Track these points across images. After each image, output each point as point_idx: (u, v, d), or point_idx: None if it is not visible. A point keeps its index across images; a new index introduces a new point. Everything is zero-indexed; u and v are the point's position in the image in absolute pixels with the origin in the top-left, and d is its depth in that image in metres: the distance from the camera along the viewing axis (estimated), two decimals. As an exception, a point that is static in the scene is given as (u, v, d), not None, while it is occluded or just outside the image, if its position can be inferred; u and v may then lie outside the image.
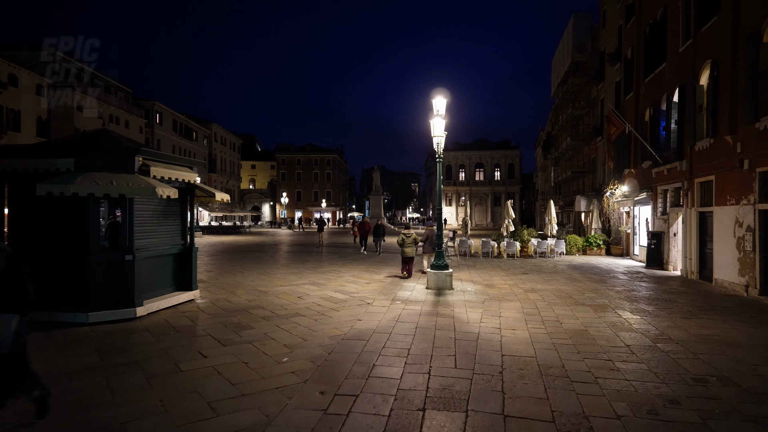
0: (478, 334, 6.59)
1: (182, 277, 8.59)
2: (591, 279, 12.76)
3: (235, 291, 9.98)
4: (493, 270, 14.78)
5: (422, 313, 8.01)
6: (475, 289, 10.82)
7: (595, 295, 10.15)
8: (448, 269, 10.65)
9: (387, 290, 10.40)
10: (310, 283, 11.38)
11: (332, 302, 8.89)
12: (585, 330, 6.94)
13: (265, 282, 11.36)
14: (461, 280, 12.17)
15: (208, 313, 7.71)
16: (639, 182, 17.75)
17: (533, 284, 11.68)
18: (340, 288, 10.66)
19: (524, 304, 9.03)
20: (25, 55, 32.82)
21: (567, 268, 15.36)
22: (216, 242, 27.64)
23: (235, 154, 75.28)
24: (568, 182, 31.47)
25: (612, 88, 22.17)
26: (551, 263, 17.07)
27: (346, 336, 6.44)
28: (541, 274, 13.74)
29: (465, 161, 72.72)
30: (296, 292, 9.93)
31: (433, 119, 10.29)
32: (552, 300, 9.46)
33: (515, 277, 12.98)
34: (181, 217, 8.66)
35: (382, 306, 8.58)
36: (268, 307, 8.35)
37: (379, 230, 20.16)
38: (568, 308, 8.61)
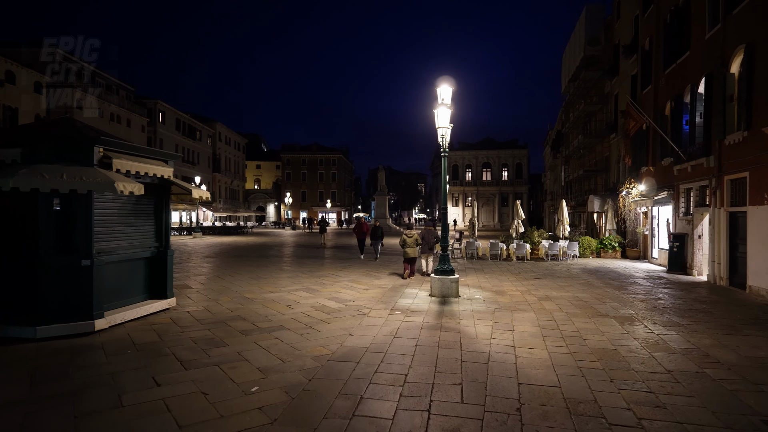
0: (488, 355, 5.61)
1: (156, 283, 7.68)
2: (610, 285, 11.71)
3: (218, 298, 9.06)
4: (503, 274, 13.76)
5: (424, 326, 7.04)
6: (483, 296, 9.83)
7: (617, 304, 9.11)
8: (453, 275, 9.66)
9: (386, 298, 9.43)
10: (303, 289, 10.44)
11: (324, 312, 7.94)
12: (614, 349, 5.93)
13: (255, 288, 10.43)
14: (468, 286, 11.17)
15: (180, 326, 6.79)
16: (658, 181, 16.64)
17: (547, 291, 10.66)
18: (335, 295, 9.70)
19: (539, 314, 8.02)
20: (24, 53, 32.25)
21: (582, 273, 14.30)
22: (215, 243, 26.83)
23: (239, 154, 74.68)
24: (580, 181, 30.33)
25: (627, 82, 21.05)
26: (564, 267, 16.01)
27: (333, 356, 5.48)
28: (555, 279, 12.70)
29: (472, 161, 71.55)
30: (286, 300, 8.99)
31: (438, 108, 9.31)
32: (570, 310, 8.45)
33: (527, 283, 11.97)
34: (155, 217, 7.74)
35: (379, 317, 7.61)
36: (251, 318, 7.41)
37: (377, 232, 17.83)
38: (589, 320, 7.59)
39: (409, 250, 12.44)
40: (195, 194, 7.52)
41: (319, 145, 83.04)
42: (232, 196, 71.27)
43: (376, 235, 17.84)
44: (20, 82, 31.04)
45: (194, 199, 7.62)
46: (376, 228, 17.99)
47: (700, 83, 13.29)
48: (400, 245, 12.69)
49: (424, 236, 12.87)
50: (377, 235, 17.85)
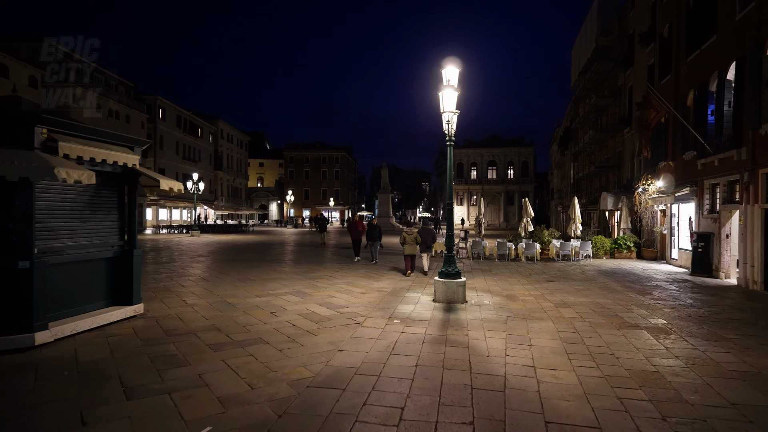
0: (504, 379, 4.60)
1: (120, 288, 6.71)
2: (631, 289, 10.65)
3: (197, 303, 8.08)
4: (513, 276, 12.72)
5: (426, 339, 6.03)
6: (493, 302, 8.81)
7: (645, 311, 8.07)
8: (460, 278, 8.65)
9: (385, 303, 8.43)
10: (293, 292, 9.45)
11: (312, 321, 6.94)
12: (655, 372, 4.90)
13: (240, 291, 9.46)
14: (476, 290, 10.15)
15: (141, 338, 5.81)
16: (678, 176, 15.55)
17: (563, 296, 9.62)
18: (327, 300, 8.71)
19: (559, 324, 7.00)
20: (24, 48, 31.49)
21: (598, 275, 13.25)
22: (211, 242, 25.92)
23: (242, 152, 73.87)
24: (590, 179, 29.18)
25: (643, 72, 19.92)
26: (578, 268, 14.95)
27: (314, 380, 4.49)
28: (570, 282, 11.66)
29: (477, 159, 70.40)
30: (272, 306, 8.00)
31: (443, 90, 8.28)
32: (593, 319, 7.42)
33: (540, 286, 10.93)
34: (119, 211, 6.77)
35: (374, 327, 6.61)
36: (227, 328, 6.43)
37: (375, 232, 15.38)
38: (618, 332, 6.56)
39: (408, 247, 12.49)
40: (164, 185, 6.54)
41: (322, 143, 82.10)
42: (234, 194, 70.50)
43: (373, 235, 15.33)
44: (13, 76, 30.23)
45: (164, 191, 6.64)
46: (373, 227, 15.45)
47: (729, 69, 12.19)
48: (401, 243, 12.70)
49: (422, 235, 12.81)
50: (375, 235, 15.36)
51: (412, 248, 12.51)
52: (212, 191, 62.35)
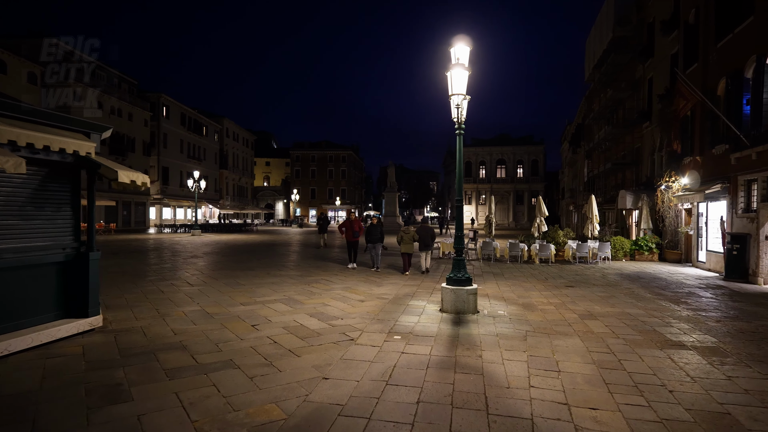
0: (531, 424, 3.55)
1: (73, 297, 5.75)
2: (662, 296, 9.52)
3: (169, 314, 7.10)
4: (527, 280, 11.64)
5: (432, 362, 4.99)
6: (509, 312, 7.74)
7: (686, 325, 6.96)
8: (470, 284, 7.59)
9: (385, 314, 7.40)
10: (284, 299, 8.45)
11: (298, 337, 5.93)
12: (726, 414, 3.81)
13: (224, 298, 8.48)
14: (488, 297, 9.09)
15: (87, 361, 4.84)
16: (707, 172, 14.35)
17: (587, 304, 8.53)
18: (320, 309, 7.70)
19: (588, 342, 5.92)
20: (22, 45, 30.87)
21: (621, 279, 12.11)
22: (211, 242, 25.04)
23: (248, 151, 73.22)
24: (605, 176, 27.90)
25: (665, 62, 18.69)
26: (597, 272, 13.81)
27: (285, 425, 3.47)
28: (591, 288, 10.55)
29: (486, 157, 69.11)
30: (255, 317, 7.00)
31: (452, 70, 7.21)
32: (627, 334, 6.33)
33: (558, 293, 9.83)
34: (72, 208, 5.81)
35: (371, 345, 5.59)
36: (196, 346, 5.44)
37: (375, 233, 12.86)
38: (662, 353, 5.47)
39: (405, 245, 12.45)
40: (123, 177, 5.56)
41: (329, 142, 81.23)
42: (240, 193, 69.87)
43: (373, 237, 12.89)
44: (12, 72, 29.60)
45: (124, 185, 5.65)
46: (374, 227, 12.94)
47: (769, 52, 11.02)
48: (397, 242, 12.62)
49: (421, 234, 12.72)
50: (375, 237, 12.89)
51: (408, 246, 12.51)
52: (217, 190, 61.74)
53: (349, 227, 13.89)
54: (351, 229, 13.84)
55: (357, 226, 13.89)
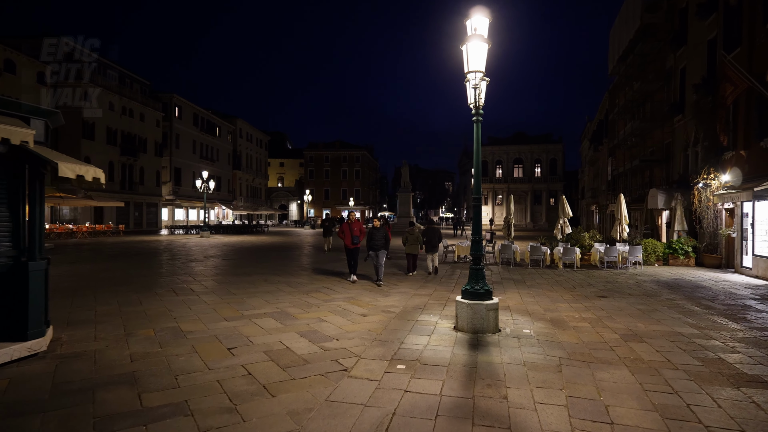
0: None
1: (9, 315, 4.77)
2: (713, 310, 8.20)
3: (135, 332, 6.09)
4: (553, 289, 10.39)
5: (443, 406, 3.86)
6: (535, 330, 6.55)
7: (759, 351, 5.67)
8: (490, 298, 6.42)
9: (389, 332, 6.28)
10: (275, 313, 7.40)
11: (279, 366, 4.85)
12: None
13: (208, 311, 7.45)
14: (510, 310, 7.91)
15: (4, 402, 3.83)
16: (753, 168, 12.91)
17: (627, 320, 7.29)
18: (315, 326, 6.62)
19: (641, 375, 4.72)
20: (23, 45, 30.52)
21: (659, 288, 10.78)
22: (218, 244, 24.24)
23: (262, 151, 72.81)
24: (632, 174, 26.29)
25: (700, 49, 17.18)
26: (629, 278, 12.48)
27: None
28: (627, 299, 9.27)
29: (502, 156, 67.45)
30: (236, 337, 5.95)
31: (468, 42, 6.04)
32: (687, 364, 5.10)
33: (590, 305, 8.59)
34: (10, 209, 4.83)
35: (367, 379, 4.49)
36: (150, 378, 4.41)
37: (378, 238, 10.61)
38: (742, 395, 4.24)
39: (409, 246, 12.39)
40: (65, 171, 4.55)
41: (343, 142, 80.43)
42: (253, 194, 69.50)
43: (375, 243, 10.59)
44: (21, 72, 29.30)
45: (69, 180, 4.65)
46: (376, 231, 10.63)
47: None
48: (403, 242, 12.57)
49: (427, 235, 12.56)
50: (377, 243, 10.58)
51: (413, 248, 12.41)
52: (230, 191, 61.36)
53: (347, 231, 10.87)
54: (350, 232, 10.87)
55: (357, 229, 10.97)
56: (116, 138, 38.46)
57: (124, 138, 39.43)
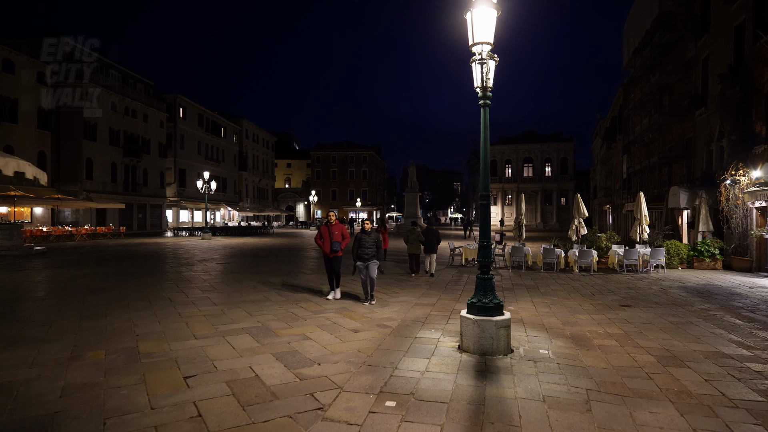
0: None
1: None
2: (759, 324, 7.15)
3: (83, 354, 5.19)
4: (570, 297, 9.38)
5: (439, 470, 2.92)
6: (555, 350, 5.57)
7: (829, 380, 4.65)
8: (501, 313, 5.45)
9: (382, 353, 5.35)
10: (254, 328, 6.49)
11: (239, 403, 3.93)
12: None
13: (178, 326, 6.56)
14: (523, 323, 6.93)
15: None
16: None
17: (660, 336, 6.27)
18: (296, 345, 5.70)
19: (692, 416, 3.74)
20: (22, 45, 30.04)
21: (688, 295, 9.72)
22: (218, 246, 23.46)
23: (268, 152, 72.26)
24: (649, 172, 25.04)
25: (726, 36, 16.01)
26: (653, 283, 11.42)
27: None
28: (655, 309, 8.24)
29: (512, 155, 66.15)
30: (199, 360, 5.05)
31: (474, 9, 5.05)
32: (747, 399, 4.09)
33: (614, 316, 7.58)
34: None
35: (346, 422, 3.56)
36: (70, 424, 3.50)
37: (367, 245, 8.37)
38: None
39: (411, 246, 12.53)
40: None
41: (350, 142, 79.64)
42: (260, 195, 68.91)
43: (364, 251, 8.30)
44: (20, 72, 28.79)
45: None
46: (365, 236, 8.41)
47: None
48: (404, 241, 12.81)
49: (426, 236, 12.51)
50: (367, 251, 8.29)
51: (414, 247, 12.51)
52: (237, 192, 60.82)
53: (326, 235, 8.59)
54: (329, 237, 8.55)
55: (338, 232, 8.61)
56: (119, 139, 37.95)
57: (127, 139, 38.92)
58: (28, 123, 29.60)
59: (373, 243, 8.37)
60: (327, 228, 8.69)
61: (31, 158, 29.70)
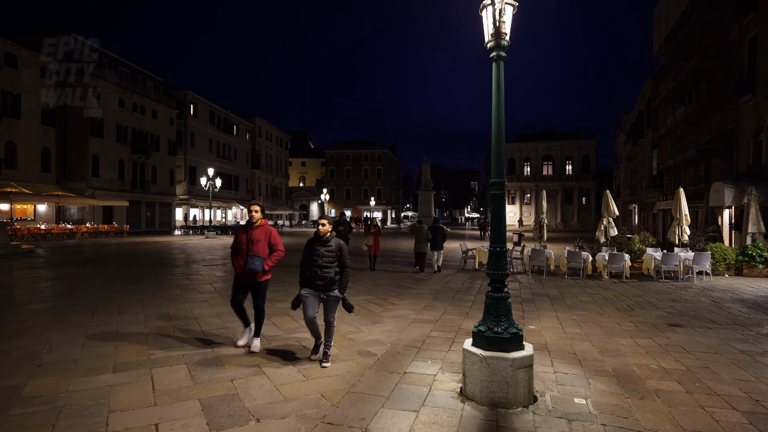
0: None
1: None
2: None
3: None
4: (603, 311, 7.73)
5: None
6: (595, 397, 3.99)
7: None
8: (519, 347, 3.89)
9: (353, 401, 3.84)
10: (198, 356, 5.06)
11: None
12: None
13: (103, 350, 5.17)
14: (548, 351, 5.35)
15: None
16: None
17: (738, 376, 4.63)
18: (239, 384, 4.23)
19: None
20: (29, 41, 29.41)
21: (749, 311, 7.97)
22: (218, 245, 22.26)
23: (282, 151, 71.40)
24: (684, 167, 22.92)
25: (779, 12, 14.06)
26: (701, 294, 9.66)
27: None
28: (715, 331, 6.54)
29: (531, 153, 63.86)
30: (92, 409, 3.62)
31: None
32: None
33: (665, 341, 5.93)
34: None
35: None
36: None
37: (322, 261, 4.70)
38: None
39: (417, 244, 12.61)
40: None
41: (364, 140, 78.30)
42: (273, 193, 68.08)
43: (316, 272, 4.69)
44: (22, 67, 28.12)
45: None
46: (319, 245, 4.76)
47: None
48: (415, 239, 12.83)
49: (432, 233, 12.69)
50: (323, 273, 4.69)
51: (421, 245, 12.58)
52: (249, 191, 60.02)
53: (243, 242, 5.16)
54: (245, 246, 5.15)
55: (263, 237, 5.21)
56: (127, 135, 37.23)
57: (135, 135, 38.21)
58: (31, 119, 28.93)
59: (334, 258, 4.75)
60: (245, 233, 5.18)
61: (34, 155, 29.14)
